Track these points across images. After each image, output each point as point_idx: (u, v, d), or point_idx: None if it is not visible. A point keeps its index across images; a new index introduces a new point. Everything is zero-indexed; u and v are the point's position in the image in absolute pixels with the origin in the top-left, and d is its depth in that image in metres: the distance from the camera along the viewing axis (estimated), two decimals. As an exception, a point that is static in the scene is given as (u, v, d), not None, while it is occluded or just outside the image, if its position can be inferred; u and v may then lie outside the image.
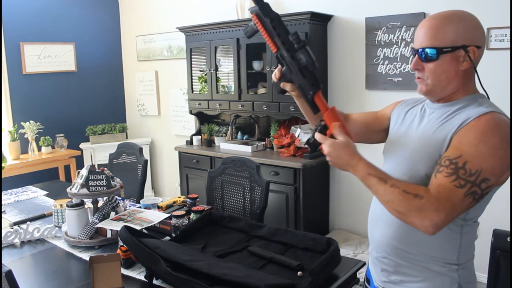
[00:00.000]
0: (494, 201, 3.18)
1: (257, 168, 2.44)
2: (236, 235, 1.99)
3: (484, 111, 1.10)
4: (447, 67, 1.13)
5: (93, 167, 2.16)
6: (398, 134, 1.30)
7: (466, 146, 1.06)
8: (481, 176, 1.04)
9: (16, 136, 4.16)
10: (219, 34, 3.88)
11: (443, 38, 1.12)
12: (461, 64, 1.13)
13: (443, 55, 1.12)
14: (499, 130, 1.06)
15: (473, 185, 1.03)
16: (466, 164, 1.04)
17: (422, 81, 1.19)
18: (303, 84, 1.21)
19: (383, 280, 1.29)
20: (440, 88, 1.17)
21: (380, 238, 1.27)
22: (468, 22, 1.16)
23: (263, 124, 4.05)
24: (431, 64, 1.14)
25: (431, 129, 1.18)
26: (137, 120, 5.25)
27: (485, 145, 1.04)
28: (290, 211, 3.42)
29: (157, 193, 5.16)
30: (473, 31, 1.14)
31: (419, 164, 1.17)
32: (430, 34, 1.13)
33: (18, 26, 4.34)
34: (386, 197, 1.08)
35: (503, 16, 2.75)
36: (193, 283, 1.46)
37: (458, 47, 1.11)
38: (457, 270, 1.20)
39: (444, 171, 1.06)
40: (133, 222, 2.04)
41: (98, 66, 5.05)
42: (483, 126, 1.07)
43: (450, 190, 1.03)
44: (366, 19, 3.33)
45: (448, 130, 1.13)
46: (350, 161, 1.14)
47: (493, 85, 2.86)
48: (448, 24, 1.13)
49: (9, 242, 2.08)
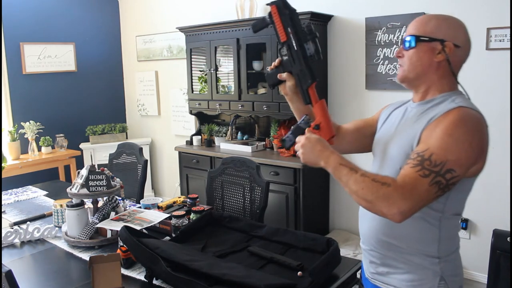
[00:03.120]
0: (494, 201, 3.20)
1: (257, 168, 2.44)
2: (236, 235, 1.99)
3: (453, 106, 1.16)
4: (423, 55, 1.21)
5: (93, 167, 2.16)
6: (381, 133, 1.38)
7: (433, 140, 1.11)
8: (446, 167, 1.08)
9: (16, 136, 4.16)
10: (219, 34, 3.88)
11: (424, 29, 1.21)
12: (436, 56, 1.20)
13: (421, 44, 1.21)
14: (464, 123, 1.11)
15: (437, 175, 1.07)
16: (431, 156, 1.09)
17: (400, 68, 1.27)
18: (303, 72, 1.29)
19: (371, 272, 1.35)
20: (414, 75, 1.24)
21: (367, 231, 1.33)
22: (453, 22, 1.23)
23: (263, 124, 4.05)
24: (410, 51, 1.23)
25: (406, 126, 1.25)
26: (137, 120, 5.25)
27: (450, 137, 1.09)
28: (290, 211, 3.42)
29: (157, 193, 5.16)
30: (455, 30, 1.21)
31: (396, 159, 1.23)
32: (415, 26, 1.24)
33: (18, 26, 4.34)
34: (355, 186, 1.12)
35: (503, 16, 2.76)
36: (193, 283, 1.46)
37: (436, 40, 1.20)
38: (438, 263, 1.23)
39: (410, 163, 1.11)
40: (133, 222, 2.04)
41: (98, 66, 5.05)
42: (449, 120, 1.12)
43: (416, 179, 1.08)
44: (366, 19, 3.33)
45: (419, 126, 1.19)
46: (323, 153, 1.21)
47: (493, 85, 2.88)
48: (434, 19, 1.23)
49: (9, 242, 2.08)
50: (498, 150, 2.88)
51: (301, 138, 1.26)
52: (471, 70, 2.95)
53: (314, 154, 1.22)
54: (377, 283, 1.33)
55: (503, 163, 2.87)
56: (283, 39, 1.29)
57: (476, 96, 3.01)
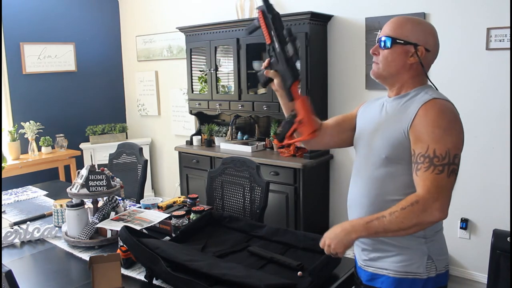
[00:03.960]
0: (494, 201, 3.19)
1: (257, 168, 2.44)
2: (236, 235, 1.99)
3: (427, 98, 1.27)
4: (397, 57, 1.32)
5: (93, 167, 2.16)
6: (362, 127, 1.48)
7: (426, 136, 1.23)
8: (451, 154, 1.20)
9: (16, 136, 4.16)
10: (219, 34, 3.88)
11: (401, 32, 1.31)
12: (409, 58, 1.32)
13: (396, 46, 1.31)
14: (444, 113, 1.24)
15: (450, 165, 1.20)
16: (435, 152, 1.20)
17: (375, 65, 1.38)
18: (285, 72, 1.41)
19: (364, 259, 1.44)
20: (387, 74, 1.36)
21: None
22: (426, 27, 1.34)
23: (263, 124, 4.05)
24: (386, 51, 1.33)
25: (387, 119, 1.36)
26: (137, 120, 5.25)
27: (439, 129, 1.22)
28: (290, 211, 3.42)
29: (157, 193, 5.16)
30: (427, 35, 1.33)
31: (380, 149, 1.34)
32: (392, 27, 1.34)
33: (18, 26, 4.34)
34: (395, 226, 1.21)
35: (503, 16, 2.76)
36: (193, 283, 1.46)
37: (410, 43, 1.30)
38: (425, 242, 1.32)
39: (422, 168, 1.22)
40: (133, 222, 2.04)
41: (98, 66, 5.05)
42: (431, 114, 1.24)
43: (435, 179, 1.19)
44: (366, 19, 3.33)
45: (402, 120, 1.30)
46: (346, 230, 1.30)
47: (493, 85, 2.88)
48: (409, 23, 1.33)
49: (9, 242, 2.08)
50: (498, 150, 2.88)
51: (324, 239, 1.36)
52: (471, 70, 2.95)
53: (342, 238, 1.30)
54: (369, 269, 1.41)
55: (503, 163, 2.87)
56: (268, 42, 1.43)
57: (476, 96, 3.03)
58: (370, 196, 1.37)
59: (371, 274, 1.41)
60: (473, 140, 2.96)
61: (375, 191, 1.35)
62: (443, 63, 3.04)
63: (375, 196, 1.35)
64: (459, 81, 2.98)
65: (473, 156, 2.96)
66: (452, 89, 3.02)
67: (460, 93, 2.99)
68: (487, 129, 2.92)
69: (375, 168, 1.36)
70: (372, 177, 1.36)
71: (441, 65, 3.04)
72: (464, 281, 3.08)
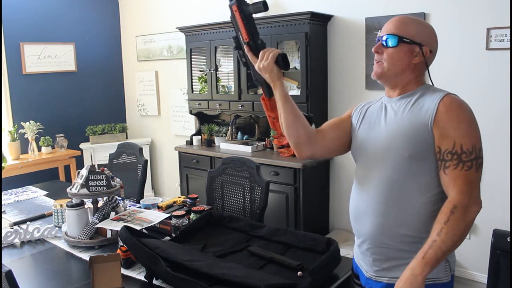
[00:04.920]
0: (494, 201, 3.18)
1: (257, 168, 2.44)
2: (236, 235, 1.99)
3: (441, 94, 1.27)
4: (403, 56, 1.31)
5: (93, 167, 2.16)
6: (363, 133, 1.42)
7: (452, 131, 1.21)
8: (477, 148, 1.21)
9: (16, 136, 4.16)
10: (219, 34, 3.88)
11: (407, 31, 1.30)
12: (414, 58, 1.31)
13: (402, 44, 1.30)
14: (463, 106, 1.25)
15: (477, 159, 1.21)
16: (462, 147, 1.20)
17: (379, 65, 1.35)
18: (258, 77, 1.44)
19: (376, 270, 1.36)
20: (393, 73, 1.33)
21: (371, 229, 1.34)
22: (428, 29, 1.35)
23: (263, 124, 4.05)
24: (391, 49, 1.31)
25: (402, 118, 1.31)
26: (137, 120, 5.25)
27: (464, 123, 1.22)
28: (290, 211, 3.42)
29: (157, 193, 5.16)
30: (430, 36, 1.33)
31: (401, 149, 1.28)
32: (397, 25, 1.32)
33: (18, 26, 4.34)
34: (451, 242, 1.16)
35: (503, 16, 2.76)
36: (193, 283, 1.46)
37: (416, 43, 1.30)
38: None
39: (451, 165, 1.21)
40: (133, 222, 2.04)
41: (98, 66, 5.05)
42: (453, 108, 1.23)
43: (466, 177, 1.20)
44: (366, 19, 3.33)
45: (421, 117, 1.27)
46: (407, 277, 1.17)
47: (493, 85, 2.88)
48: (414, 23, 1.32)
49: (9, 242, 2.08)
50: (498, 150, 2.88)
51: None
52: (471, 70, 2.95)
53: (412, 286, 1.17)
54: (383, 280, 1.34)
55: (503, 163, 2.87)
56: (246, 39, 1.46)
57: (476, 96, 3.03)
58: (389, 201, 1.29)
59: (386, 285, 1.33)
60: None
61: (395, 195, 1.28)
62: (443, 63, 3.04)
63: (395, 201, 1.29)
64: (459, 81, 2.98)
65: (473, 156, 2.96)
66: (452, 89, 3.00)
67: (460, 93, 2.95)
68: (487, 129, 2.91)
69: (394, 170, 1.29)
70: (391, 180, 1.29)
71: (441, 65, 3.05)
72: (464, 281, 3.08)
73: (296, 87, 3.62)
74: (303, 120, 1.41)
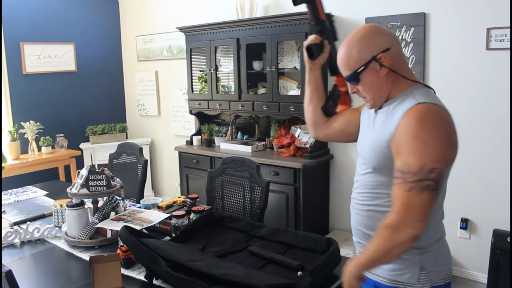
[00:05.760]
0: (494, 201, 3.19)
1: (257, 168, 2.44)
2: (236, 235, 1.99)
3: (411, 104, 1.21)
4: (371, 80, 1.28)
5: (93, 167, 2.16)
6: (360, 133, 1.49)
7: (404, 148, 1.18)
8: (426, 169, 1.14)
9: (16, 136, 4.16)
10: (219, 34, 3.88)
11: (354, 61, 1.27)
12: (380, 72, 1.27)
13: (361, 74, 1.28)
14: (426, 121, 1.17)
15: (422, 181, 1.14)
16: (410, 167, 1.16)
17: (366, 100, 1.35)
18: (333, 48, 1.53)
19: None
20: (378, 98, 1.32)
21: (354, 225, 1.43)
22: (367, 35, 1.28)
23: (263, 124, 4.05)
24: (359, 85, 1.31)
25: (374, 129, 1.34)
26: (137, 120, 5.25)
27: (417, 141, 1.16)
28: (290, 211, 3.42)
29: (157, 193, 5.16)
30: (373, 40, 1.26)
31: (369, 160, 1.34)
32: (344, 63, 1.31)
33: (18, 26, 4.34)
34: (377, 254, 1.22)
35: (503, 16, 2.75)
36: (193, 283, 1.46)
37: (369, 61, 1.26)
38: (418, 253, 1.29)
39: (396, 183, 1.20)
40: (133, 222, 2.04)
41: (98, 66, 5.05)
42: (411, 122, 1.18)
43: (405, 198, 1.16)
44: (366, 19, 3.33)
45: (386, 130, 1.27)
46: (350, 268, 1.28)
47: (493, 85, 2.88)
48: (352, 48, 1.28)
49: (9, 242, 2.08)
50: (498, 150, 2.88)
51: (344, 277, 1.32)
52: (471, 70, 2.95)
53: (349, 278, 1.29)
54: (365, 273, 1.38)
55: (503, 163, 2.87)
56: (322, 18, 1.55)
57: (476, 96, 3.03)
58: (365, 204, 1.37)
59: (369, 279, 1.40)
60: (473, 140, 2.96)
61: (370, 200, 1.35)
62: (443, 63, 3.04)
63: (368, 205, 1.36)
64: (459, 81, 2.98)
65: (473, 156, 2.96)
66: (452, 89, 3.02)
67: (460, 93, 2.99)
68: (487, 129, 2.92)
69: (369, 177, 1.36)
70: (367, 185, 1.36)
71: (441, 65, 3.05)
72: (464, 281, 3.08)
73: (296, 87, 3.62)
74: (313, 107, 1.59)
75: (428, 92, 1.27)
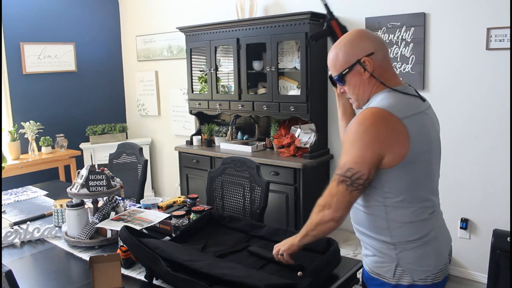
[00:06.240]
0: (494, 201, 3.18)
1: (257, 168, 2.44)
2: (236, 235, 1.99)
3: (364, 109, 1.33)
4: (355, 82, 1.38)
5: (93, 167, 2.16)
6: None
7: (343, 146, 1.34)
8: (345, 167, 1.30)
9: (16, 136, 4.16)
10: (219, 34, 3.88)
11: (340, 64, 1.38)
12: (364, 75, 1.36)
13: (347, 76, 1.38)
14: (359, 124, 1.28)
15: (339, 176, 1.31)
16: (339, 162, 1.34)
17: (351, 100, 1.46)
18: None
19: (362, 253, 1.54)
20: (361, 99, 1.41)
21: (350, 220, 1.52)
22: (353, 39, 1.37)
23: (263, 124, 4.05)
24: (345, 86, 1.41)
25: None
26: (137, 120, 5.25)
27: (348, 142, 1.30)
28: (290, 211, 3.42)
29: (157, 193, 5.16)
30: (358, 44, 1.35)
31: None
32: (331, 65, 1.41)
33: (18, 26, 4.34)
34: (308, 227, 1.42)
35: (503, 16, 2.75)
36: (193, 283, 1.46)
37: (354, 64, 1.35)
38: (394, 249, 1.35)
39: None
40: (133, 222, 2.04)
41: (98, 66, 5.05)
42: (351, 125, 1.31)
43: (330, 185, 1.35)
44: (366, 19, 3.33)
45: None
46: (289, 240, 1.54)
47: (493, 85, 2.88)
48: (339, 51, 1.38)
49: (9, 242, 2.08)
50: (498, 150, 2.88)
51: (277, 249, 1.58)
52: (471, 70, 2.95)
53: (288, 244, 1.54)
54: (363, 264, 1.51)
55: (503, 163, 2.87)
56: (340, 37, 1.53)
57: (476, 96, 3.03)
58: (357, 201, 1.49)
59: None
60: (473, 140, 2.96)
61: None
62: (443, 63, 3.04)
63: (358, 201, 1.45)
64: (459, 81, 2.98)
65: (473, 156, 2.96)
66: (452, 89, 3.02)
67: (460, 93, 2.99)
68: (487, 129, 2.92)
69: None
70: None
71: (441, 65, 3.05)
72: (464, 281, 3.08)
73: (296, 87, 3.62)
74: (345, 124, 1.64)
75: (389, 97, 1.33)
